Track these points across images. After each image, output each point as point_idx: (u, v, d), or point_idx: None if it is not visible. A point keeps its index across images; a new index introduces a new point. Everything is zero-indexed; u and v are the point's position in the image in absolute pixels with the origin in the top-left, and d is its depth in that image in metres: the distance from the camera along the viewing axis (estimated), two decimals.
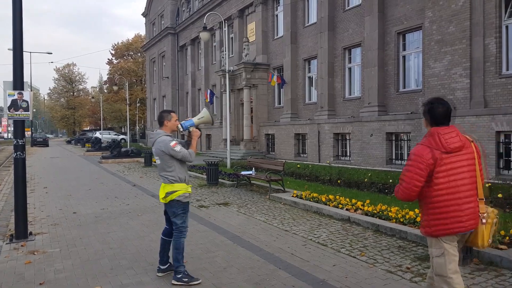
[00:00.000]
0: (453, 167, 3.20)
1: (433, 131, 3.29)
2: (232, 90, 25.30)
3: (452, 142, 3.22)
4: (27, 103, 6.90)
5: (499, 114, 11.10)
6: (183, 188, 4.82)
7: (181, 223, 4.87)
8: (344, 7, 18.49)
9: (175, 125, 4.91)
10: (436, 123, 3.32)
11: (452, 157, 3.21)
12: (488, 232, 3.27)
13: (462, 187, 3.20)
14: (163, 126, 4.91)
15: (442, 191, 3.18)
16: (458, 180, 3.20)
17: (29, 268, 5.39)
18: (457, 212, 3.17)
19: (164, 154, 4.72)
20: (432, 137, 3.26)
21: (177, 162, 4.78)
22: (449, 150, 3.20)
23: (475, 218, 3.22)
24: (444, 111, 3.31)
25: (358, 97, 17.85)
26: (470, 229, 3.23)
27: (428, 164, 3.17)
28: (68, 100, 72.01)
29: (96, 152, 31.58)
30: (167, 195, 4.78)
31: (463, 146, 3.28)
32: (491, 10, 11.36)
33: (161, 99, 42.12)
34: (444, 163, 3.18)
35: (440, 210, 3.20)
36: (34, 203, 10.21)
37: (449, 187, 3.18)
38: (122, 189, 12.74)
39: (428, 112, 3.34)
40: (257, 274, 5.04)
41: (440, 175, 3.18)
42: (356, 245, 6.19)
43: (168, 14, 38.91)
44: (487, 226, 3.25)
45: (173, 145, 4.69)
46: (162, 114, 4.94)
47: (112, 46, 66.47)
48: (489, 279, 4.70)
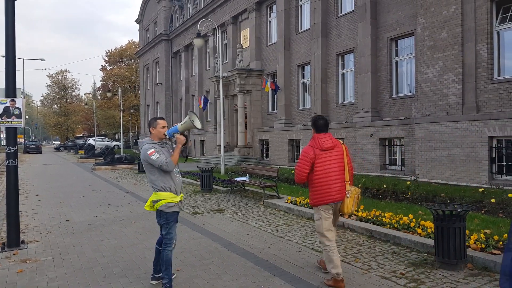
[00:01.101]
0: (326, 160, 4.81)
1: (314, 136, 4.93)
2: (226, 96, 25.33)
3: (326, 144, 4.84)
4: (19, 110, 6.85)
5: (491, 119, 11.18)
6: (167, 197, 4.64)
7: (165, 234, 4.73)
8: (337, 14, 18.62)
9: (162, 132, 4.72)
10: (317, 131, 4.96)
11: (326, 153, 4.83)
12: (351, 203, 4.89)
13: (332, 173, 4.79)
14: (151, 134, 4.81)
15: (319, 175, 4.79)
16: (329, 168, 4.79)
17: (21, 276, 5.33)
18: (328, 189, 4.76)
19: (145, 162, 4.62)
20: (314, 140, 4.90)
21: (159, 170, 4.61)
22: (324, 149, 4.82)
23: (341, 193, 4.83)
24: (323, 123, 4.97)
25: (351, 102, 17.93)
26: (338, 200, 4.82)
27: (311, 158, 4.80)
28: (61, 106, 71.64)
29: (89, 159, 31.40)
30: (153, 204, 4.70)
31: (335, 146, 4.89)
32: (483, 16, 11.47)
33: (155, 105, 42.06)
34: (320, 157, 4.80)
35: (317, 188, 4.82)
36: (27, 211, 10.12)
37: (323, 173, 4.78)
38: (115, 196, 12.66)
39: (313, 124, 5.01)
40: (252, 281, 5.02)
41: (318, 165, 4.79)
42: (351, 251, 6.18)
43: (162, 20, 38.96)
44: (350, 199, 4.87)
45: (150, 153, 4.54)
46: (149, 121, 4.84)
47: (106, 53, 66.38)
48: (483, 284, 4.71)
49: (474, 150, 11.51)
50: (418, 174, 12.53)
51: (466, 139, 11.72)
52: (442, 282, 4.80)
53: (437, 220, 5.20)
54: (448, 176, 12.12)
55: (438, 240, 5.20)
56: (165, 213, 4.68)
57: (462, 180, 11.69)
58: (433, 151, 12.63)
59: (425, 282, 4.80)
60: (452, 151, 12.07)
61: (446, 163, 12.21)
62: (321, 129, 4.96)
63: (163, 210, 4.65)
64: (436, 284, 4.74)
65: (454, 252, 5.07)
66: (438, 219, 5.19)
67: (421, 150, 13.00)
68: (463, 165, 11.78)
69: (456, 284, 4.74)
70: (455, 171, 11.97)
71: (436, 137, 12.52)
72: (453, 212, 5.11)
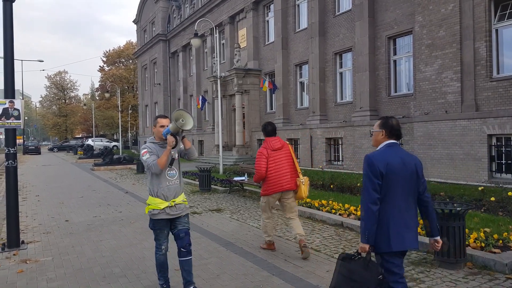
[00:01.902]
0: (276, 158, 6.01)
1: (266, 139, 6.18)
2: (224, 96, 25.32)
3: (275, 145, 6.08)
4: (18, 112, 6.84)
5: (490, 117, 11.19)
6: (153, 203, 4.40)
7: (154, 238, 4.60)
8: (335, 13, 18.61)
9: (160, 131, 4.47)
10: (267, 135, 6.21)
11: (276, 153, 6.04)
12: (305, 189, 6.11)
13: (283, 168, 5.99)
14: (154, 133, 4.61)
15: (272, 170, 5.96)
16: (280, 164, 6.00)
17: (22, 277, 5.32)
18: (279, 181, 5.97)
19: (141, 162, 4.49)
20: (266, 142, 6.13)
21: (150, 173, 4.42)
22: (274, 149, 6.04)
23: (291, 184, 6.02)
24: (271, 128, 6.20)
25: (349, 101, 17.93)
26: (287, 189, 6.01)
27: (266, 157, 5.97)
28: (60, 107, 71.48)
29: (88, 160, 31.38)
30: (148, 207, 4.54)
31: (283, 146, 6.13)
32: (481, 14, 11.48)
33: (153, 105, 42.04)
34: (272, 156, 6.00)
35: (271, 180, 5.98)
36: (26, 212, 10.11)
37: (275, 168, 5.97)
38: (114, 196, 12.66)
39: (263, 130, 6.18)
40: (251, 280, 5.02)
41: (270, 163, 5.97)
42: (350, 250, 6.18)
43: (159, 21, 38.94)
44: (304, 186, 6.08)
45: (143, 153, 4.38)
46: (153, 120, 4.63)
47: (104, 53, 66.31)
48: (482, 283, 4.71)
49: (474, 149, 11.52)
50: None
51: (465, 137, 11.73)
52: (441, 281, 4.80)
53: (437, 219, 5.20)
54: (447, 175, 12.13)
55: None
56: (152, 220, 4.51)
57: (462, 178, 11.70)
58: (432, 149, 12.64)
59: (424, 281, 4.80)
60: (451, 149, 12.08)
61: (446, 161, 12.22)
62: (270, 133, 6.19)
63: (149, 215, 4.50)
64: (435, 283, 4.75)
65: (454, 251, 5.07)
66: (437, 218, 5.19)
67: (420, 148, 13.01)
68: (462, 163, 11.79)
69: (456, 283, 4.74)
70: (454, 170, 11.98)
71: (435, 135, 12.53)
72: (453, 211, 5.12)
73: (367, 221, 3.23)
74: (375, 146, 3.54)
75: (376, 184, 3.22)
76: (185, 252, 4.48)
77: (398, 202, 3.28)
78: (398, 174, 3.26)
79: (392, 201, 3.27)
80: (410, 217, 3.32)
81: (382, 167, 3.23)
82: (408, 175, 3.31)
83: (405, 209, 3.30)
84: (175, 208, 4.46)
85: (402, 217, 3.28)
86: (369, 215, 3.22)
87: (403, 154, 3.39)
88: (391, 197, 3.26)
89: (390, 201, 3.27)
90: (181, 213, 4.53)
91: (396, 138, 3.43)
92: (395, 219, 3.26)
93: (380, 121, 3.51)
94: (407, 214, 3.30)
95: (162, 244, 4.54)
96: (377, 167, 3.24)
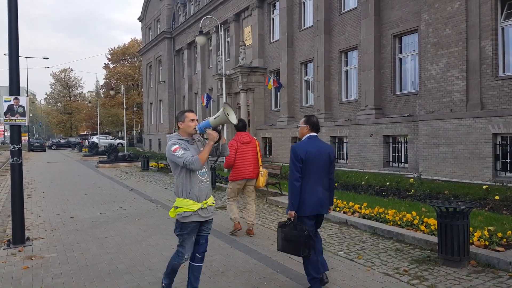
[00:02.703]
0: (243, 151, 7.01)
1: (237, 134, 7.09)
2: (228, 94, 25.32)
3: (244, 139, 7.07)
4: (23, 109, 6.88)
5: (495, 116, 11.14)
6: (184, 205, 4.01)
7: (178, 245, 4.17)
8: (340, 11, 18.57)
9: (191, 126, 4.06)
10: (238, 130, 7.11)
11: (244, 146, 7.03)
12: (263, 180, 7.25)
13: (248, 159, 7.04)
14: (178, 129, 4.19)
15: (238, 161, 6.99)
16: (245, 156, 7.03)
17: (27, 273, 5.36)
18: (244, 170, 7.03)
19: (170, 162, 4.04)
20: (236, 136, 7.05)
21: (183, 171, 4.00)
22: (243, 142, 7.03)
23: (253, 173, 7.12)
24: (242, 125, 7.10)
25: (354, 100, 17.89)
26: (249, 178, 7.12)
27: (235, 148, 6.94)
28: (65, 105, 71.70)
29: (93, 157, 31.47)
30: (174, 209, 4.10)
31: (251, 141, 7.12)
32: (487, 13, 11.42)
33: (158, 103, 42.11)
34: (240, 148, 6.99)
35: (237, 169, 7.03)
36: (31, 208, 10.17)
37: (241, 159, 7.00)
38: (119, 193, 12.71)
39: (235, 126, 6.08)
40: (255, 277, 5.03)
41: (238, 154, 6.97)
42: (354, 248, 6.19)
43: (164, 18, 38.97)
44: (262, 177, 7.22)
45: (174, 149, 3.94)
46: (176, 116, 4.25)
47: (109, 51, 66.41)
48: (486, 281, 4.70)
49: (478, 147, 11.48)
50: (421, 172, 12.50)
51: (470, 136, 11.68)
52: (445, 279, 4.80)
53: (441, 217, 5.20)
54: (452, 174, 12.09)
55: (442, 237, 5.19)
56: (180, 223, 4.09)
57: (466, 177, 11.65)
58: (437, 148, 12.59)
59: (428, 279, 4.80)
60: (456, 148, 12.03)
61: (450, 160, 12.18)
62: (241, 129, 7.13)
63: (178, 219, 4.08)
64: (439, 281, 4.74)
65: (458, 249, 5.06)
66: (441, 216, 5.19)
67: (425, 147, 12.97)
68: (467, 162, 11.74)
69: (460, 281, 4.73)
70: (459, 168, 11.94)
71: (440, 134, 12.49)
72: (457, 209, 5.11)
73: (292, 194, 4.36)
74: (300, 137, 4.69)
75: (298, 167, 4.36)
76: (199, 258, 4.28)
77: (314, 179, 4.41)
78: (315, 159, 4.41)
79: (310, 179, 4.39)
80: (322, 191, 4.46)
81: (303, 154, 4.36)
82: (323, 160, 4.46)
83: (319, 185, 4.44)
84: (207, 210, 4.16)
85: (316, 191, 4.41)
86: (293, 190, 4.35)
87: (320, 144, 4.56)
88: (309, 176, 4.39)
89: (308, 179, 4.38)
90: (211, 216, 4.25)
91: (316, 131, 4.62)
92: (311, 192, 4.39)
93: (304, 119, 4.67)
94: (321, 189, 4.45)
95: (187, 252, 4.15)
96: (299, 154, 4.37)
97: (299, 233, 4.29)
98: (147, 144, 45.06)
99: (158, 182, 15.79)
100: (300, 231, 4.30)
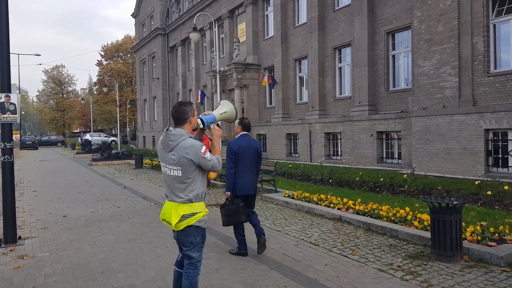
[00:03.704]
0: None
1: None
2: (223, 90, 25.27)
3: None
4: (14, 106, 6.82)
5: (487, 112, 11.20)
6: (203, 208, 3.57)
7: (198, 256, 3.62)
8: (334, 7, 18.56)
9: (196, 121, 3.61)
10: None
11: None
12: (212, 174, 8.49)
13: None
14: (185, 124, 3.55)
15: None
16: None
17: (18, 273, 5.32)
18: None
19: (190, 163, 3.44)
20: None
21: (200, 173, 3.55)
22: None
23: None
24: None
25: (348, 96, 17.92)
26: None
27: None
28: (58, 102, 71.21)
29: (86, 155, 31.35)
30: (183, 219, 3.45)
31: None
32: (479, 9, 11.46)
33: (151, 100, 41.95)
34: None
35: None
36: (23, 207, 10.11)
37: None
38: (112, 191, 12.66)
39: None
40: (249, 275, 5.03)
41: None
42: (348, 244, 6.21)
43: (158, 14, 38.77)
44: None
45: (204, 151, 3.46)
46: (184, 108, 3.55)
47: (102, 47, 66.09)
48: (479, 275, 4.73)
49: (471, 143, 11.54)
50: (415, 167, 12.55)
51: (463, 132, 11.74)
52: (438, 274, 4.82)
53: (434, 212, 5.22)
54: (444, 169, 12.15)
55: (435, 233, 5.22)
56: (202, 229, 3.58)
57: (459, 173, 11.72)
58: (429, 144, 12.65)
59: (421, 275, 4.82)
60: (448, 144, 12.09)
61: (443, 156, 12.24)
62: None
63: (200, 226, 3.54)
64: (432, 276, 4.77)
65: (451, 245, 5.09)
66: (434, 211, 5.21)
67: (418, 143, 13.02)
68: (459, 158, 11.81)
69: (453, 276, 4.76)
70: (451, 164, 12.00)
71: (433, 130, 12.54)
72: (450, 204, 5.13)
73: (228, 179, 5.71)
74: (236, 135, 5.92)
75: (233, 158, 5.67)
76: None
77: (244, 168, 5.70)
78: (245, 152, 5.72)
79: (241, 167, 5.69)
80: (251, 177, 5.78)
81: (236, 149, 5.67)
82: (251, 153, 5.78)
83: (248, 172, 5.74)
84: None
85: (245, 177, 5.71)
86: (229, 176, 5.68)
87: (250, 140, 5.87)
88: (241, 165, 5.69)
89: (240, 167, 5.68)
90: None
91: (247, 131, 5.90)
92: (241, 177, 5.69)
93: (239, 120, 5.79)
94: (249, 175, 5.76)
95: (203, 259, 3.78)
96: (233, 148, 5.68)
97: (236, 206, 5.51)
98: (141, 142, 44.91)
99: (152, 179, 15.75)
100: (237, 204, 5.53)
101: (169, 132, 3.49)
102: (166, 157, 3.52)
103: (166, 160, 3.52)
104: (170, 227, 3.58)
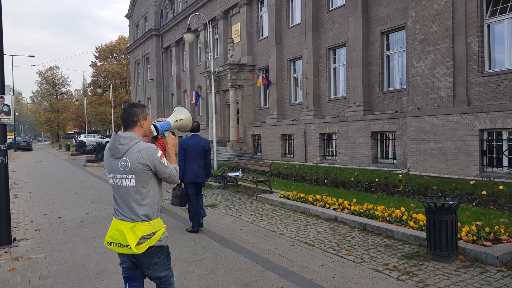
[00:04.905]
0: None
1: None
2: (217, 91, 25.25)
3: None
4: (8, 107, 6.77)
5: (482, 112, 11.25)
6: (161, 225, 3.10)
7: (168, 272, 3.18)
8: (328, 8, 18.59)
9: (149, 126, 3.16)
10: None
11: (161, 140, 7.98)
12: None
13: None
14: (135, 127, 3.08)
15: None
16: None
17: (13, 274, 5.28)
18: None
19: (146, 170, 2.97)
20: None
21: (157, 184, 3.09)
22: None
23: None
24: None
25: (343, 97, 17.95)
26: None
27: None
28: (52, 103, 70.86)
29: (80, 156, 31.20)
30: (143, 241, 2.94)
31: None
32: (473, 10, 11.51)
33: (146, 101, 41.85)
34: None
35: None
36: (18, 209, 10.04)
37: None
38: (107, 192, 12.60)
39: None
40: (245, 275, 5.02)
41: None
42: (343, 244, 6.21)
43: (152, 15, 38.69)
44: None
45: (161, 156, 3.03)
46: (135, 110, 3.10)
47: (96, 48, 65.87)
48: (474, 275, 4.75)
49: (465, 143, 11.59)
50: (409, 167, 12.60)
51: (457, 132, 11.79)
52: (434, 274, 4.83)
53: (429, 212, 5.23)
54: (439, 169, 12.20)
55: (430, 233, 5.23)
56: (165, 247, 3.14)
57: (454, 173, 11.77)
58: (424, 144, 12.69)
59: (417, 275, 4.83)
60: (443, 144, 12.14)
61: (438, 156, 12.29)
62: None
63: (162, 244, 3.08)
64: (428, 276, 4.78)
65: (446, 244, 5.10)
66: (430, 211, 5.22)
67: (413, 143, 13.07)
68: (454, 158, 11.86)
69: (448, 276, 4.77)
70: (446, 164, 12.05)
71: (428, 130, 12.58)
72: (445, 204, 5.14)
73: (180, 170, 6.70)
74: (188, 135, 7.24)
75: (182, 153, 7.19)
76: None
77: (192, 161, 7.22)
78: (193, 148, 7.23)
79: (189, 160, 7.21)
80: (197, 168, 7.25)
81: (184, 146, 7.22)
82: (198, 149, 7.25)
83: (195, 164, 7.24)
84: None
85: (193, 168, 7.22)
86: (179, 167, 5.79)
87: (198, 139, 7.34)
88: (189, 158, 7.22)
89: (188, 160, 7.21)
90: None
91: (196, 132, 7.38)
92: (189, 168, 7.21)
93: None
94: (197, 167, 7.25)
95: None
96: (182, 145, 7.21)
97: (181, 192, 7.39)
98: None
99: None
100: (182, 191, 7.38)
101: (118, 135, 3.01)
102: (115, 165, 3.02)
103: (116, 169, 3.02)
104: (120, 251, 3.00)
